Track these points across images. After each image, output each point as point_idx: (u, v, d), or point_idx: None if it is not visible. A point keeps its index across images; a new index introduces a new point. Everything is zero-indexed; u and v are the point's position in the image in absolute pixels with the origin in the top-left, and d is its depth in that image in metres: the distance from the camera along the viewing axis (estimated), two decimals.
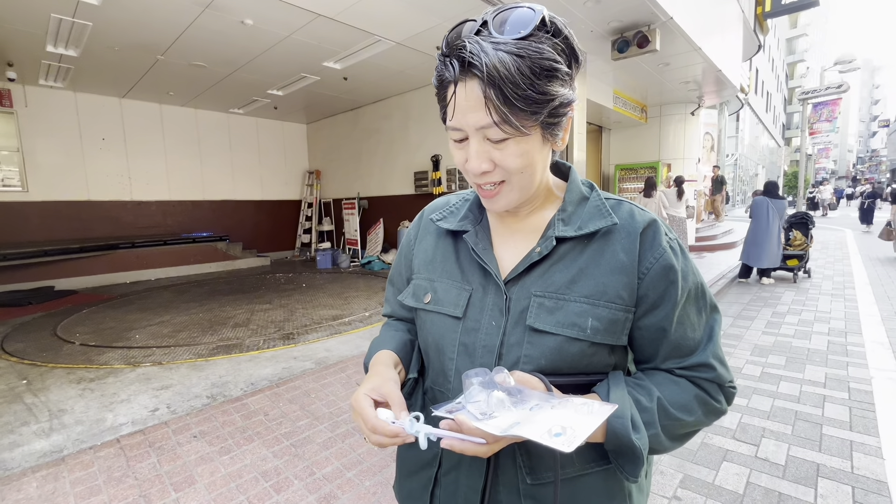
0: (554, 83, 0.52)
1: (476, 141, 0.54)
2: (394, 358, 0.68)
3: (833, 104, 20.17)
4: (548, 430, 0.46)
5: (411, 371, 0.71)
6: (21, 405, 2.78)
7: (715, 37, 6.60)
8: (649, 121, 9.66)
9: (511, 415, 0.50)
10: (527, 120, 0.52)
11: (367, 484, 1.95)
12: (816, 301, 5.14)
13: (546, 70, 0.51)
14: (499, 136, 0.53)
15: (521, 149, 0.54)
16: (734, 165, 20.03)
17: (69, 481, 1.99)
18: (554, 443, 0.44)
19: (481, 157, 0.55)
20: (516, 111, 0.50)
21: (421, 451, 0.68)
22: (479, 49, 0.49)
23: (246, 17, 4.78)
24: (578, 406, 0.51)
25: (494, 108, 0.50)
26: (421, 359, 0.75)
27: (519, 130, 0.52)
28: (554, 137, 0.58)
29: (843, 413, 2.54)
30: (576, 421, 0.48)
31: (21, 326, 4.76)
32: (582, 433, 0.45)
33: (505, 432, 0.47)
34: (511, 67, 0.49)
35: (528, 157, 0.55)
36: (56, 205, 7.45)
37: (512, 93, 0.49)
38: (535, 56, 0.50)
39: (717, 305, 0.64)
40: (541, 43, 0.51)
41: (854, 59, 12.28)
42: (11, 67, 6.16)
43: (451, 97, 0.53)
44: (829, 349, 3.57)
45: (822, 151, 34.93)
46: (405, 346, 0.73)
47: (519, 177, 0.57)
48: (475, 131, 0.53)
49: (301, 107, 9.03)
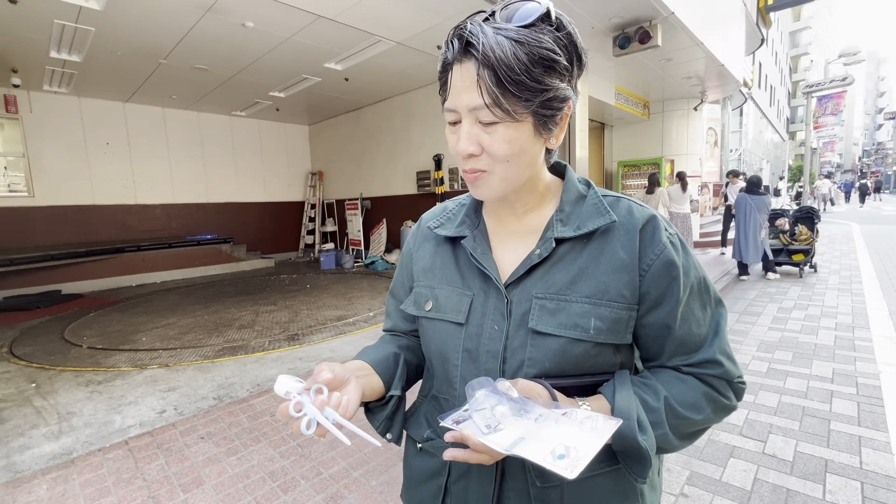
0: (551, 75, 0.52)
1: (467, 123, 0.54)
2: (362, 365, 0.65)
3: (838, 97, 19.95)
4: (551, 450, 0.46)
5: (393, 387, 0.65)
6: (30, 408, 2.81)
7: (717, 31, 6.55)
8: (652, 117, 9.61)
9: (516, 427, 0.50)
10: (518, 106, 0.52)
11: (374, 483, 1.96)
12: (823, 296, 5.10)
13: (543, 59, 0.51)
14: (489, 119, 0.53)
15: (510, 135, 0.54)
16: (738, 160, 19.89)
17: (79, 483, 2.01)
18: (557, 467, 0.44)
19: (470, 138, 0.55)
20: (508, 95, 0.51)
21: (430, 461, 0.67)
22: (480, 31, 0.50)
23: (247, 19, 4.80)
24: (583, 421, 0.51)
25: (486, 88, 0.51)
26: (407, 375, 0.71)
27: (509, 115, 0.52)
28: (548, 133, 0.57)
29: (851, 408, 2.52)
30: (579, 440, 0.47)
31: (29, 330, 4.80)
32: (585, 456, 0.45)
33: (509, 451, 0.47)
34: (507, 51, 0.49)
35: (516, 146, 0.55)
36: (62, 209, 7.51)
37: (505, 75, 0.50)
38: (533, 44, 0.50)
39: (721, 300, 0.63)
40: (542, 33, 0.51)
41: (859, 52, 12.15)
42: (16, 74, 6.21)
43: (449, 78, 0.54)
44: (836, 344, 3.54)
45: (827, 145, 34.61)
46: (386, 359, 0.68)
47: (504, 165, 0.56)
48: (467, 112, 0.54)
49: (303, 108, 9.06)
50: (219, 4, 4.44)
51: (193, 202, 9.12)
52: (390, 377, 0.67)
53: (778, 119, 31.30)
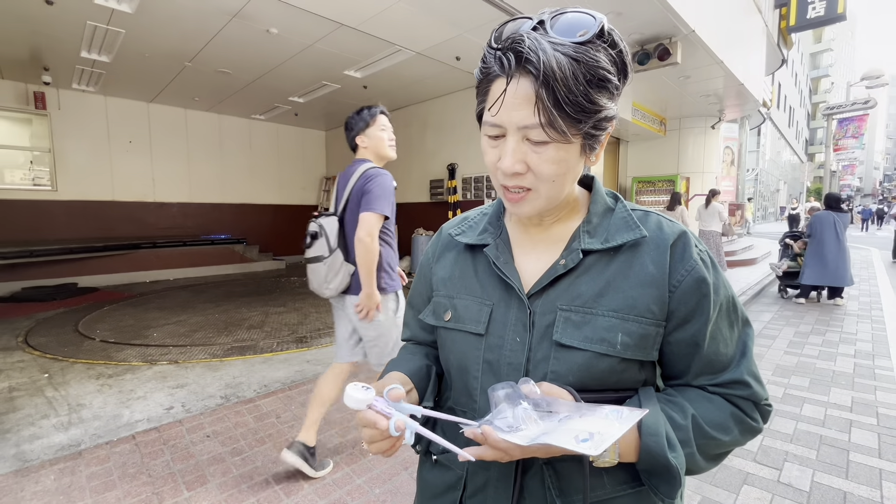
0: (603, 95, 0.51)
1: (514, 140, 0.52)
2: (403, 378, 0.65)
3: (859, 120, 19.67)
4: (574, 436, 0.45)
5: (426, 400, 0.66)
6: (42, 398, 2.85)
7: (737, 50, 6.52)
8: (668, 133, 9.55)
9: (539, 427, 0.49)
10: (572, 127, 0.50)
11: (377, 492, 1.94)
12: (842, 321, 4.97)
13: (599, 79, 0.49)
14: (540, 138, 0.51)
15: (560, 156, 0.52)
16: (755, 180, 19.65)
17: (85, 475, 2.02)
18: (580, 447, 0.43)
19: (517, 156, 0.53)
20: (564, 116, 0.49)
21: (445, 475, 0.66)
22: (538, 46, 0.48)
23: (272, 26, 4.91)
24: (608, 413, 0.49)
25: (543, 108, 0.49)
26: (439, 388, 0.71)
27: (563, 136, 0.50)
28: (591, 151, 0.56)
29: (871, 439, 2.43)
30: (604, 426, 0.46)
31: (44, 321, 4.89)
32: (610, 437, 0.44)
33: (532, 442, 0.46)
34: (567, 70, 0.47)
35: (564, 166, 0.54)
36: (83, 204, 7.69)
37: (564, 96, 0.48)
38: (591, 63, 0.49)
39: (748, 320, 0.62)
40: (598, 51, 0.50)
41: (882, 75, 12.00)
42: (47, 72, 6.42)
43: (500, 92, 0.51)
44: (855, 372, 3.43)
45: (847, 168, 34.05)
46: (420, 370, 0.68)
47: (549, 185, 0.55)
48: (516, 130, 0.52)
49: (321, 114, 9.20)
50: (245, 10, 4.55)
51: (209, 202, 9.28)
52: (423, 389, 0.67)
53: (797, 140, 30.92)
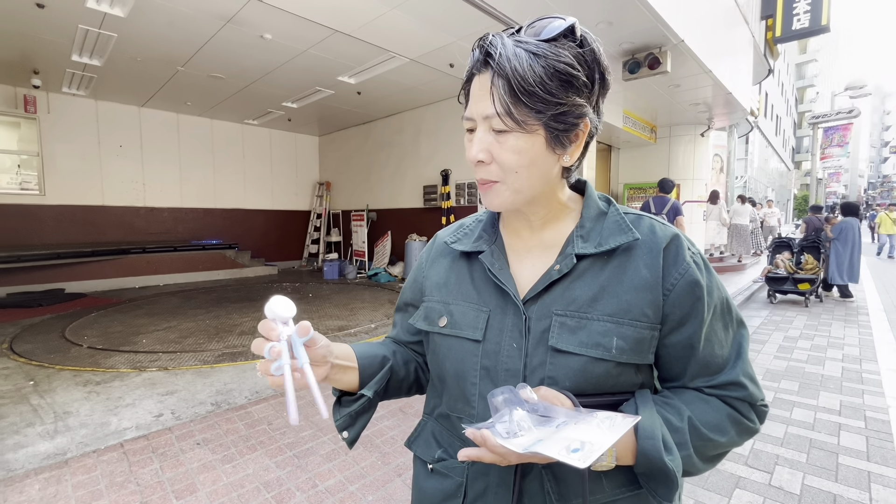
0: (567, 90, 0.53)
1: (481, 130, 0.56)
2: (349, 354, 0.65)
3: (844, 129, 20.14)
4: (566, 446, 0.46)
5: (367, 388, 0.65)
6: (27, 406, 2.78)
7: (725, 60, 6.65)
8: (659, 141, 9.68)
9: (536, 433, 0.49)
10: (528, 117, 0.53)
11: (370, 499, 1.92)
12: (829, 326, 5.04)
13: (560, 73, 0.52)
14: (500, 127, 0.54)
15: (520, 146, 0.54)
16: (744, 187, 19.95)
17: (71, 485, 1.98)
18: (570, 459, 0.44)
19: (481, 145, 0.56)
20: (520, 105, 0.52)
21: (443, 483, 0.66)
22: (500, 43, 0.52)
23: (265, 31, 4.91)
24: (601, 420, 0.50)
25: (498, 97, 0.52)
26: (388, 384, 0.70)
27: (519, 125, 0.53)
28: (562, 149, 0.57)
29: (859, 442, 2.47)
30: (596, 436, 0.47)
31: (30, 328, 4.80)
32: (599, 447, 0.45)
33: (526, 450, 0.47)
34: (524, 62, 0.51)
35: (525, 157, 0.55)
36: (71, 209, 7.58)
37: (518, 85, 0.51)
38: (551, 57, 0.52)
39: (743, 321, 0.62)
40: (562, 48, 0.53)
41: (865, 85, 12.30)
42: (37, 75, 6.35)
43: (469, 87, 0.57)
44: (843, 376, 3.48)
45: (832, 176, 34.74)
46: (373, 357, 0.69)
47: (514, 177, 0.56)
48: (482, 120, 0.55)
49: (314, 119, 9.19)
50: (239, 16, 4.55)
51: (201, 207, 9.19)
52: (369, 377, 0.67)
53: (783, 148, 31.48)
